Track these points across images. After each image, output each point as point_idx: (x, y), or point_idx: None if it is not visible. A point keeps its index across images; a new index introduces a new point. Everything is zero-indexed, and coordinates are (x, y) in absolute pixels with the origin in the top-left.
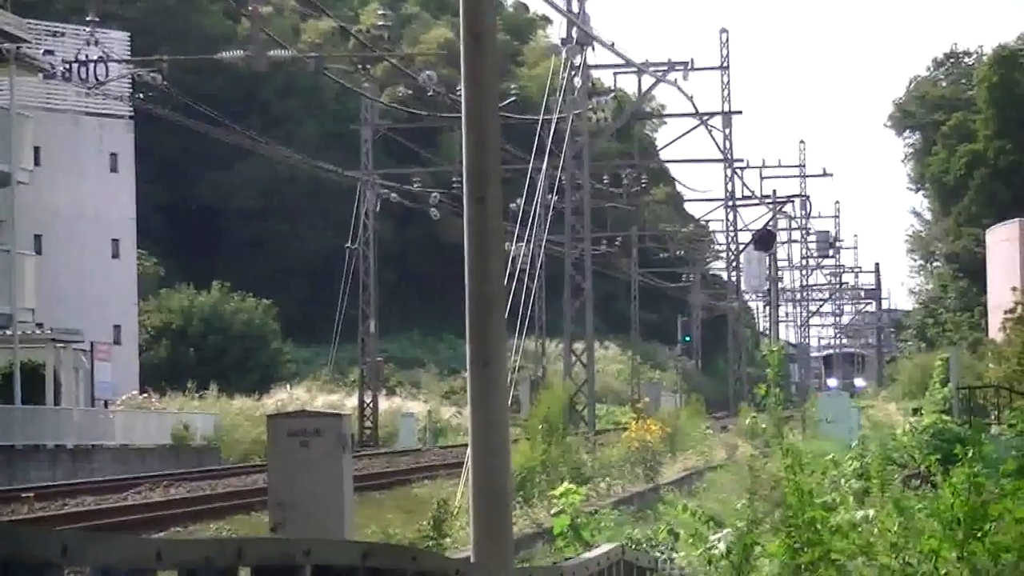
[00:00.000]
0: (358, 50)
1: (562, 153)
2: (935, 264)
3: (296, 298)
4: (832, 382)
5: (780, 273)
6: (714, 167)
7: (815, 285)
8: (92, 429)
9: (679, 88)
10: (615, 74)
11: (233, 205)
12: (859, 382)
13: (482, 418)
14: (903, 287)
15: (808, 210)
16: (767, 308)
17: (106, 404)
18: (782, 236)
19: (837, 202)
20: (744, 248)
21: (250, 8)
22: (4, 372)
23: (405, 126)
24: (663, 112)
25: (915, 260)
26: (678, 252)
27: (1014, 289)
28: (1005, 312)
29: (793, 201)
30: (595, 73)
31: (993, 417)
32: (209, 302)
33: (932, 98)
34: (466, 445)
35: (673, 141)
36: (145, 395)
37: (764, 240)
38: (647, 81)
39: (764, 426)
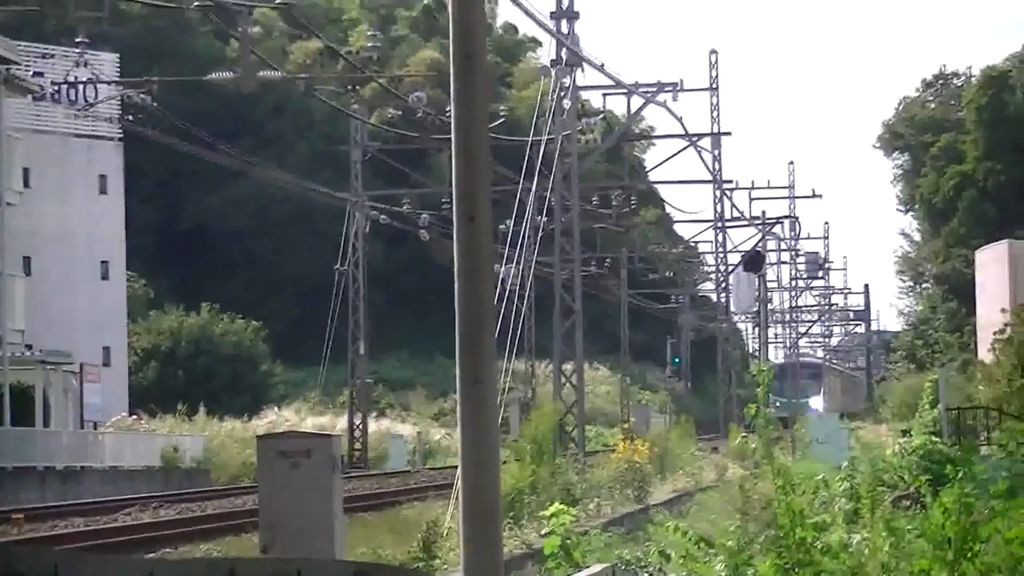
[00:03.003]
0: (347, 71)
1: (551, 174)
2: (924, 285)
3: (285, 319)
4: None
5: (769, 294)
6: (703, 188)
7: (804, 306)
8: (81, 451)
9: (668, 109)
10: (604, 95)
11: (222, 226)
12: (815, 402)
13: (472, 437)
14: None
15: (797, 231)
16: (756, 329)
17: (95, 426)
18: (771, 257)
19: (826, 223)
20: (733, 269)
21: (239, 29)
22: None
23: (395, 147)
24: (652, 133)
25: (904, 281)
26: (668, 273)
27: (1003, 310)
28: (994, 333)
29: (782, 222)
30: (584, 94)
31: (983, 438)
32: (198, 323)
33: (921, 119)
34: (456, 467)
35: (662, 162)
36: (135, 417)
37: (753, 261)
38: (636, 102)
39: (754, 446)
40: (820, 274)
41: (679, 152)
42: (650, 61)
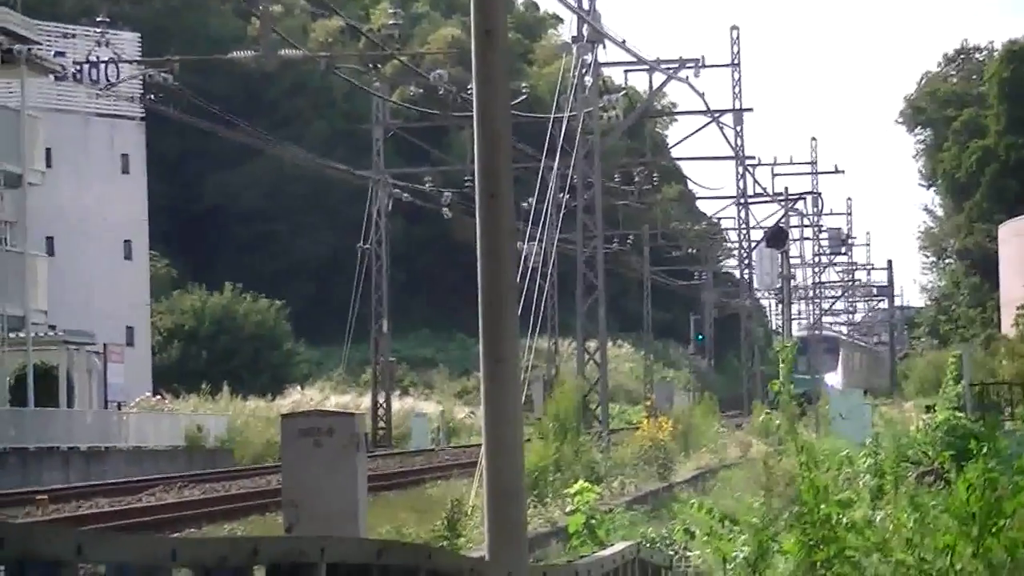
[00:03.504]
0: (368, 49)
1: (573, 151)
2: (947, 260)
3: (303, 298)
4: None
5: (792, 270)
6: (726, 164)
7: (828, 282)
8: (105, 431)
9: (690, 85)
10: (626, 72)
11: (240, 205)
12: (831, 379)
13: (496, 414)
14: (915, 284)
15: (820, 207)
16: (779, 306)
17: (119, 406)
18: (794, 233)
19: (849, 199)
20: (756, 246)
21: (260, 8)
22: (17, 374)
23: (416, 125)
24: (674, 110)
25: (927, 257)
26: (690, 250)
27: None
28: (1017, 308)
29: (805, 198)
30: (606, 71)
31: (1007, 413)
32: (221, 303)
33: (943, 94)
34: (479, 445)
35: (684, 139)
36: (158, 397)
37: (776, 237)
38: (658, 79)
39: (777, 423)
40: (843, 250)
41: (701, 128)
42: (672, 37)
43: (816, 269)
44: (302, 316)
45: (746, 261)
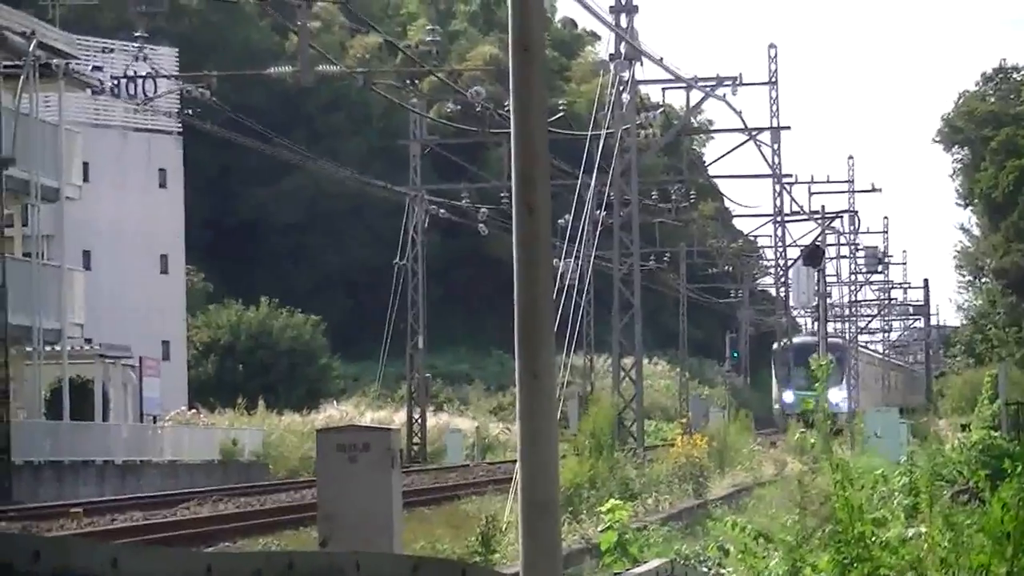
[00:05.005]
0: (406, 65)
1: (610, 168)
2: (983, 280)
3: (340, 312)
4: (787, 396)
5: (829, 289)
6: (763, 182)
7: (864, 301)
8: (140, 445)
9: (727, 103)
10: (663, 89)
11: (277, 220)
12: (835, 395)
13: (531, 429)
14: (951, 303)
15: (857, 226)
16: (815, 324)
17: (155, 420)
18: (831, 252)
19: (886, 218)
20: (793, 264)
21: (298, 23)
22: (53, 388)
23: (452, 142)
24: (711, 127)
25: (963, 276)
26: (726, 268)
27: None
28: None
29: (842, 217)
30: (643, 88)
31: None
32: (257, 317)
33: (980, 113)
34: (514, 461)
35: (721, 156)
36: (194, 411)
37: (813, 256)
38: (695, 96)
39: (812, 441)
40: (879, 268)
41: (738, 146)
42: (709, 55)
43: (852, 287)
44: (338, 331)
45: (782, 279)
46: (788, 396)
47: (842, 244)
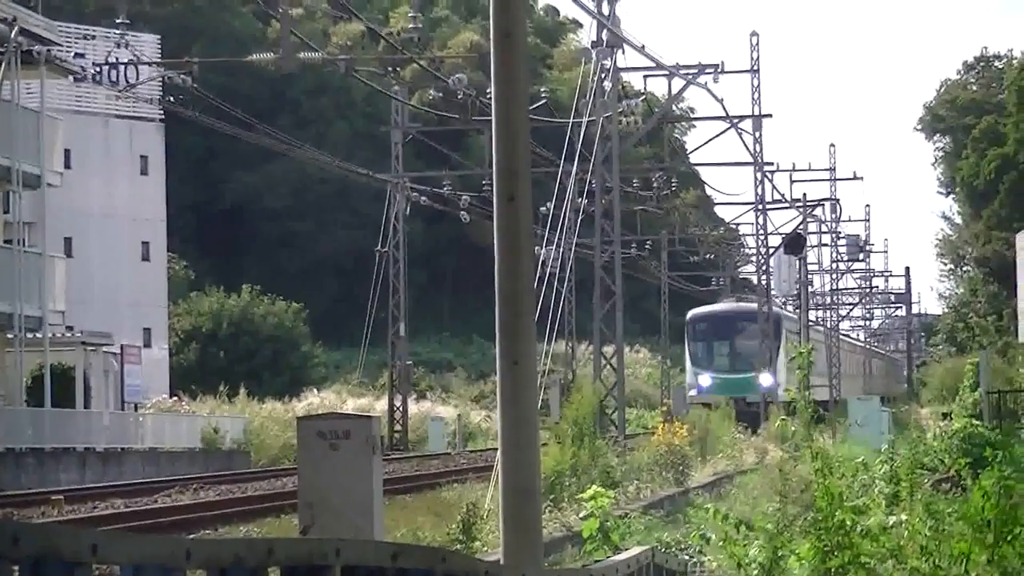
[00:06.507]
0: (388, 53)
1: (592, 156)
2: (965, 268)
3: (326, 299)
4: (703, 380)
5: (810, 277)
6: (744, 170)
7: (845, 289)
8: (122, 432)
9: (709, 91)
10: (645, 77)
11: (261, 206)
12: (765, 380)
13: (512, 416)
14: (933, 291)
15: (838, 214)
16: (797, 312)
17: (136, 407)
18: (812, 240)
19: (867, 206)
20: (774, 252)
21: (280, 10)
22: (34, 375)
23: (435, 129)
24: (693, 115)
25: (945, 264)
26: (708, 255)
27: None
28: None
29: (823, 205)
30: (625, 76)
31: (1023, 421)
32: (239, 305)
33: (962, 102)
34: (495, 449)
35: (703, 144)
36: (175, 398)
37: (794, 244)
38: (677, 84)
39: (793, 429)
40: (861, 256)
41: (720, 134)
42: (691, 43)
43: (834, 276)
44: (326, 317)
45: (764, 267)
46: (704, 380)
47: (823, 232)
